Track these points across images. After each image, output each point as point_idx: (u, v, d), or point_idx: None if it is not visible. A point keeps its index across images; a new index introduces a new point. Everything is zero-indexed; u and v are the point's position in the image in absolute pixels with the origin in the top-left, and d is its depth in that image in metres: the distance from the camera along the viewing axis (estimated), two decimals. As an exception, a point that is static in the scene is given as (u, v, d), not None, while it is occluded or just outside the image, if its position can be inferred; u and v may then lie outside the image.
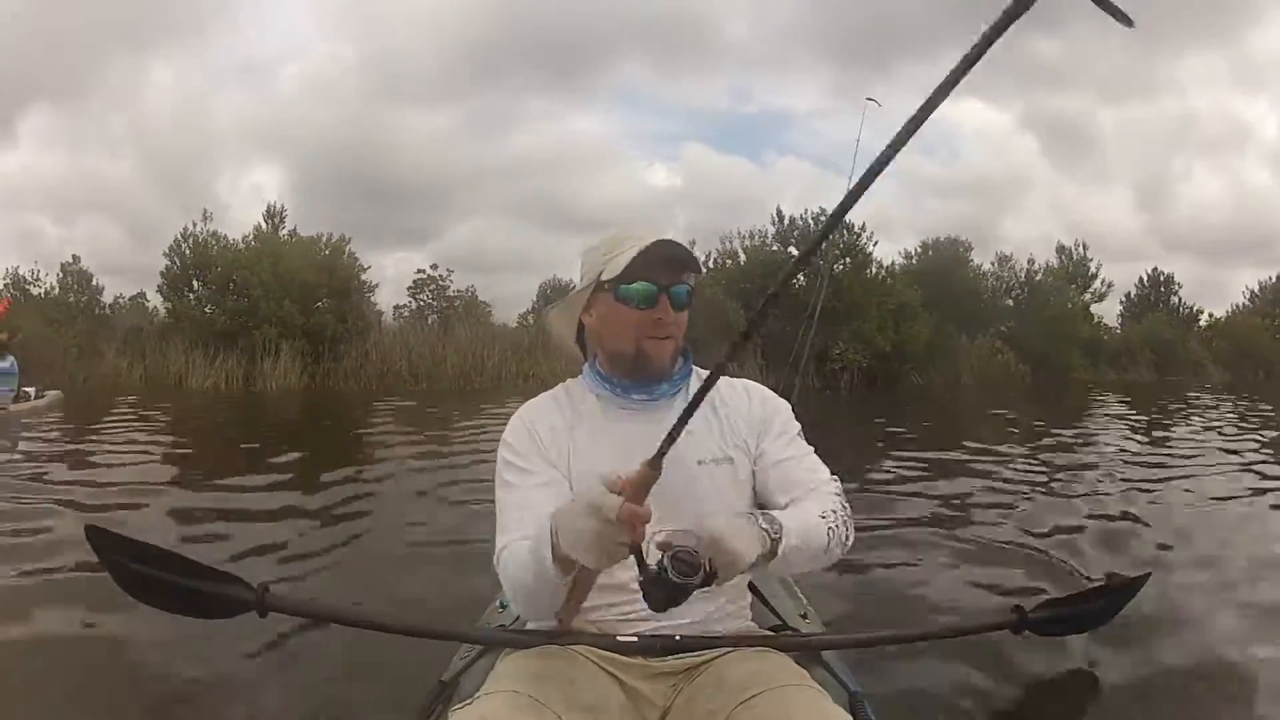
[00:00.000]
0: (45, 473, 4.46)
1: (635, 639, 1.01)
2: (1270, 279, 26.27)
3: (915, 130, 0.64)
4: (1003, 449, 6.18)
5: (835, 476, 1.11)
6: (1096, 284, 22.97)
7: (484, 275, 40.12)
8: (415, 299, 19.80)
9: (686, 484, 1.02)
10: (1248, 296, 26.56)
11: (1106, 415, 10.05)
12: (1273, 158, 42.10)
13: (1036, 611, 1.59)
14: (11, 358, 8.41)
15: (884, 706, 1.16)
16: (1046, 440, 6.92)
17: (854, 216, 17.78)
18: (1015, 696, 1.78)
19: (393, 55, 39.51)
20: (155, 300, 16.71)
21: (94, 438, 6.29)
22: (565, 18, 44.76)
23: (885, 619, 2.23)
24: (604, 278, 1.06)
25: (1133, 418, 9.54)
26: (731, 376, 1.15)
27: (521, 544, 0.98)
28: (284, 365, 14.48)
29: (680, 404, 1.04)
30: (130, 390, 12.72)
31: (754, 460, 1.11)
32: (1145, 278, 26.28)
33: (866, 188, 0.69)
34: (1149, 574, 1.83)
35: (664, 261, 1.05)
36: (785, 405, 1.17)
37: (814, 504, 1.03)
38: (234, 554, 2.66)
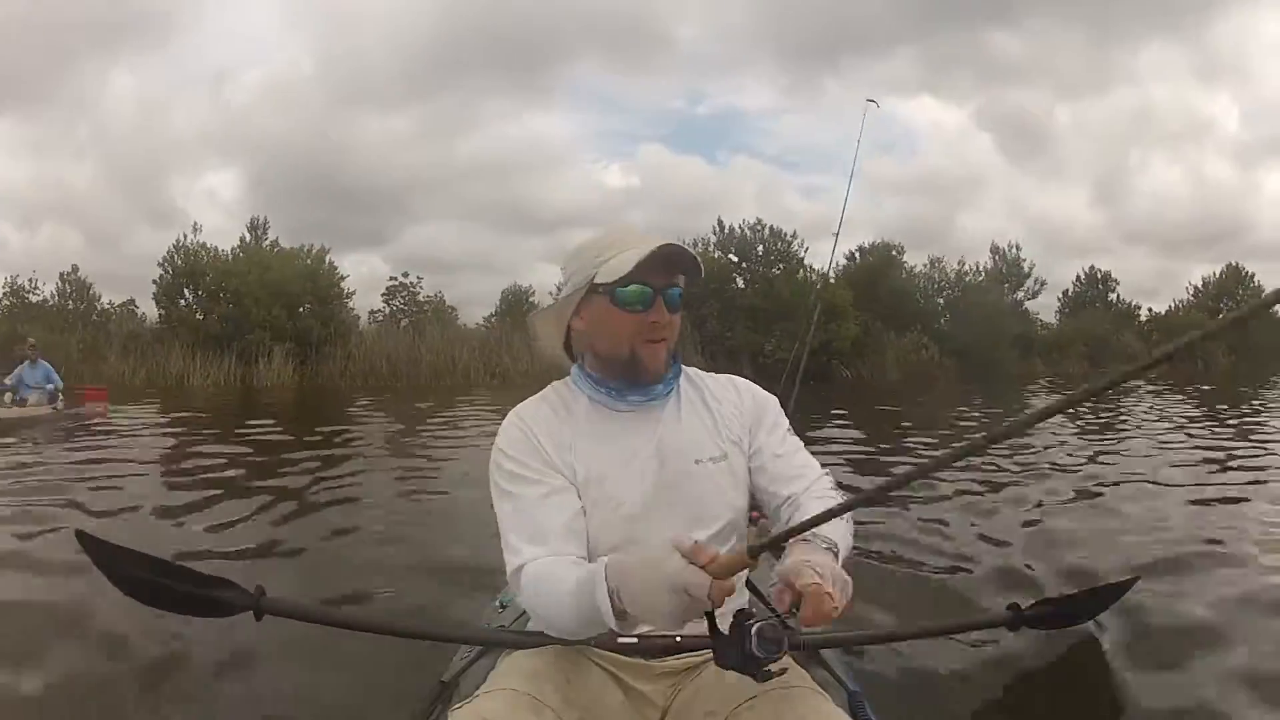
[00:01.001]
0: (63, 474, 4.40)
1: (635, 639, 1.00)
2: (1215, 274, 27.24)
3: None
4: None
5: (826, 471, 1.14)
6: (1029, 282, 24.62)
7: (443, 276, 40.71)
8: (389, 304, 21.26)
9: (686, 483, 1.03)
10: (1191, 291, 27.61)
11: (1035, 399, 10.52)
12: (1233, 150, 42.46)
13: (1032, 609, 1.62)
14: (45, 364, 8.31)
15: (883, 705, 1.16)
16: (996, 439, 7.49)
17: (787, 225, 19.48)
18: (1013, 693, 1.77)
19: (349, 58, 39.37)
20: (146, 308, 17.96)
21: (110, 439, 6.45)
22: (519, 16, 44.73)
23: (883, 618, 2.20)
24: (599, 280, 1.03)
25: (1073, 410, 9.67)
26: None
27: (544, 565, 0.96)
28: (278, 365, 16.06)
29: (674, 403, 1.10)
30: (135, 391, 13.04)
31: (750, 455, 1.11)
32: (1083, 275, 27.20)
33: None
34: (1137, 578, 1.85)
35: (660, 264, 1.02)
36: (773, 399, 1.18)
37: (823, 505, 1.02)
38: (232, 551, 2.64)
